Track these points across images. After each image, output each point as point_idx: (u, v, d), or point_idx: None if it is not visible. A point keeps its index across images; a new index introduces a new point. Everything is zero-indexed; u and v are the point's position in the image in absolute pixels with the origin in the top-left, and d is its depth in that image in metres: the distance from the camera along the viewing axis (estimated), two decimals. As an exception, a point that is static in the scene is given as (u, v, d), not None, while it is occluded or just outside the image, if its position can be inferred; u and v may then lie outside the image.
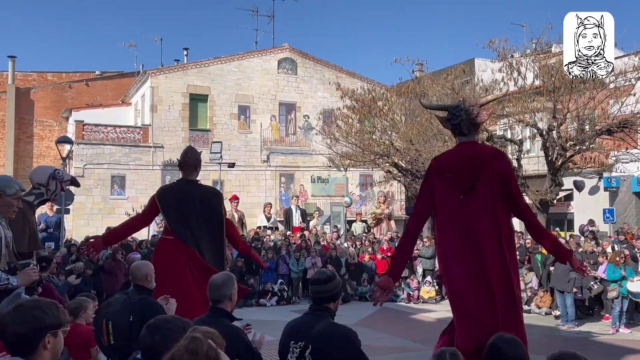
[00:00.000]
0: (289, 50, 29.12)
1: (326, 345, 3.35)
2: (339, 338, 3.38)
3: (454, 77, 18.48)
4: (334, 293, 3.61)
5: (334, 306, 3.62)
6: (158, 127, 26.26)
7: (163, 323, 2.86)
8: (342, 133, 21.32)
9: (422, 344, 9.57)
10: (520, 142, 16.87)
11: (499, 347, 2.75)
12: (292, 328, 3.62)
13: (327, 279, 3.65)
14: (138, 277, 4.68)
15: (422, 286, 14.59)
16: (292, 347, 3.48)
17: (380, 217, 19.88)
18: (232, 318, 3.80)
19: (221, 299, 3.75)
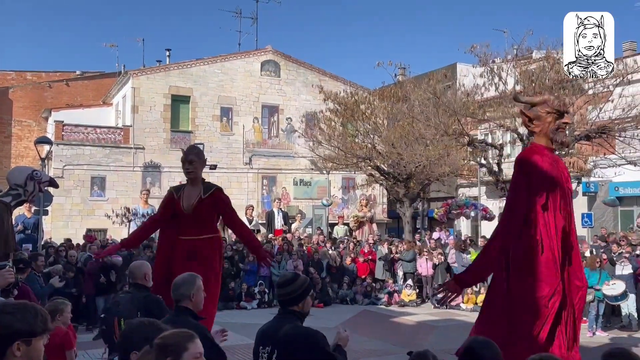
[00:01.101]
0: (272, 53, 29.10)
1: (291, 349, 3.34)
2: (302, 341, 3.36)
3: (436, 81, 18.62)
4: (297, 295, 3.56)
5: (301, 307, 3.58)
6: (139, 128, 26.05)
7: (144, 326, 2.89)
8: (324, 136, 21.36)
9: (402, 346, 9.60)
10: (500, 147, 17.05)
11: (474, 350, 2.78)
12: (261, 333, 3.62)
13: (286, 281, 3.63)
14: (138, 276, 4.87)
15: (403, 289, 14.64)
16: (261, 353, 3.48)
17: (363, 220, 19.87)
18: (196, 316, 3.82)
19: (181, 298, 3.82)
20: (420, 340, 10.26)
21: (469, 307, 13.46)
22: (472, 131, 19.01)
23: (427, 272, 14.77)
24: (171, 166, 26.27)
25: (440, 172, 19.73)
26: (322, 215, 24.28)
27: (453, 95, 17.96)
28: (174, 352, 2.39)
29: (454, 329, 11.20)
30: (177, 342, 2.46)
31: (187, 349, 2.42)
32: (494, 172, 16.79)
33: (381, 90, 22.15)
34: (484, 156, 17.68)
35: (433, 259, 14.81)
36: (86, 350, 9.15)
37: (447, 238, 17.34)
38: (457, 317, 12.69)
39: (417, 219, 27.95)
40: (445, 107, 16.71)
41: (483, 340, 2.87)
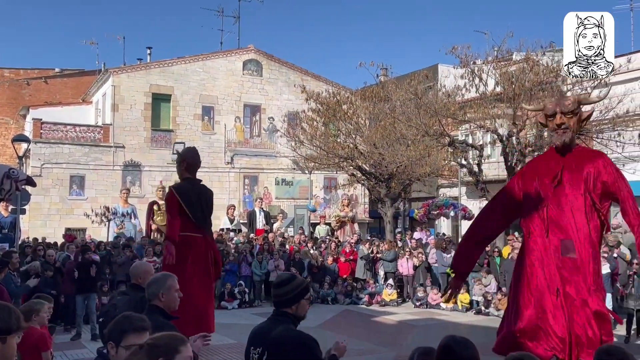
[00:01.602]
0: (255, 52, 29.01)
1: (281, 352, 3.29)
2: (293, 344, 3.30)
3: (417, 82, 18.71)
4: (291, 296, 3.48)
5: (295, 309, 3.49)
6: (119, 127, 25.79)
7: None
8: (306, 136, 21.35)
9: (383, 346, 9.66)
10: (481, 148, 17.18)
11: (451, 348, 2.79)
12: (254, 333, 3.56)
13: (282, 282, 3.55)
14: (135, 277, 4.88)
15: (384, 289, 14.70)
16: (252, 353, 3.43)
17: (344, 220, 19.93)
18: (167, 316, 3.79)
19: (151, 297, 3.84)
20: (400, 340, 10.32)
21: (449, 307, 13.56)
22: (453, 132, 19.14)
23: (408, 272, 14.85)
24: (152, 165, 26.06)
25: (421, 173, 19.84)
26: (304, 215, 24.28)
27: (434, 96, 18.07)
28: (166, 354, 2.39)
29: (434, 328, 11.28)
30: (169, 343, 2.45)
31: (179, 351, 2.42)
32: (474, 173, 16.92)
33: (363, 91, 22.20)
34: (464, 157, 17.81)
35: (414, 259, 14.89)
36: (64, 351, 9.03)
37: (428, 238, 17.45)
38: (437, 317, 12.78)
39: (398, 219, 28.07)
40: (427, 107, 16.80)
41: (461, 339, 2.88)
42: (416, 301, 14.17)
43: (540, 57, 16.50)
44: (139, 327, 2.94)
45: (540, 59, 16.44)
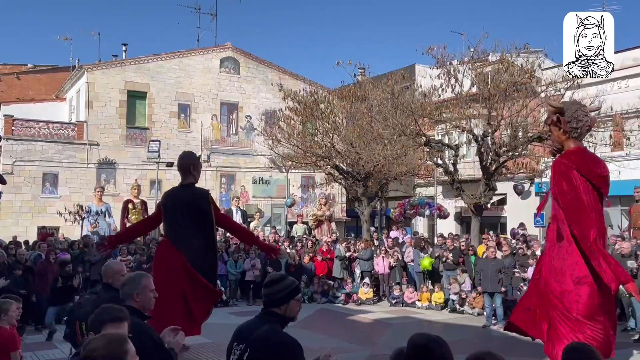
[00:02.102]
0: (232, 50, 28.86)
1: (263, 352, 3.27)
2: (277, 346, 3.27)
3: (394, 82, 18.78)
4: (281, 296, 3.44)
5: (284, 310, 3.46)
6: (94, 124, 25.46)
7: None
8: (284, 134, 21.30)
9: (359, 344, 9.68)
10: (456, 147, 17.32)
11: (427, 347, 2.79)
12: (239, 330, 3.53)
13: (272, 281, 3.53)
14: (106, 276, 4.79)
15: (360, 287, 14.74)
16: (234, 349, 3.41)
17: (321, 219, 19.93)
18: (142, 316, 3.75)
19: (125, 297, 3.78)
20: (376, 338, 10.36)
21: (424, 305, 13.66)
22: (429, 131, 19.27)
23: (384, 271, 14.91)
24: (127, 163, 25.77)
25: (397, 172, 19.94)
26: (281, 214, 24.22)
27: (411, 95, 18.16)
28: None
29: (409, 326, 11.34)
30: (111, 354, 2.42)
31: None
32: (449, 172, 17.06)
33: (340, 90, 22.23)
34: (440, 156, 17.95)
35: (390, 258, 14.96)
36: (35, 351, 8.88)
37: (404, 237, 17.55)
38: (412, 315, 12.87)
39: (375, 218, 28.19)
40: (403, 107, 16.88)
41: (436, 337, 2.88)
42: (392, 300, 14.24)
43: (514, 58, 16.69)
44: (116, 317, 3.03)
45: (515, 60, 16.63)
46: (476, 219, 16.80)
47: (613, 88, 20.00)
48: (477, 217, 16.77)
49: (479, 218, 16.90)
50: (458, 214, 26.53)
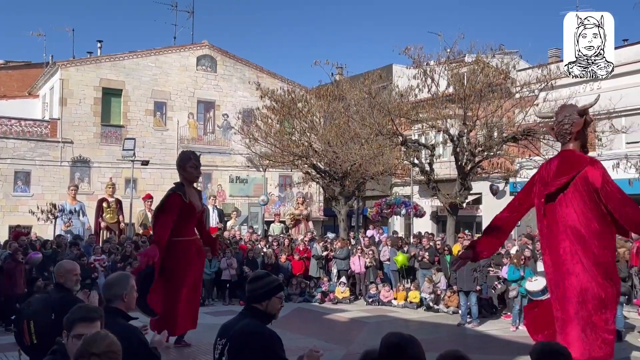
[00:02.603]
0: (209, 48, 28.67)
1: (241, 344, 3.33)
2: (255, 338, 3.34)
3: (372, 81, 18.86)
4: (262, 292, 3.52)
5: (265, 306, 3.52)
6: (67, 122, 25.08)
7: None
8: (261, 133, 21.24)
9: (335, 343, 9.70)
10: (432, 147, 17.45)
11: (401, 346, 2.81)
12: (222, 326, 3.61)
13: (254, 278, 3.61)
14: (58, 275, 4.70)
15: (337, 286, 14.77)
16: (217, 345, 3.49)
17: (299, 218, 19.92)
18: (127, 317, 3.71)
19: (113, 298, 3.73)
20: (352, 337, 10.40)
21: (400, 304, 13.75)
22: (406, 131, 19.39)
23: (360, 270, 14.96)
24: (101, 161, 25.45)
25: (374, 171, 20.03)
26: (258, 213, 24.14)
27: (388, 95, 18.25)
28: None
29: (385, 325, 11.40)
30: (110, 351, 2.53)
31: None
32: (426, 172, 17.19)
33: (318, 89, 22.24)
34: (416, 156, 18.07)
35: (366, 256, 15.02)
36: (4, 352, 8.72)
37: (381, 236, 17.63)
38: (389, 314, 12.93)
39: (352, 217, 28.28)
40: (380, 107, 16.96)
41: (409, 337, 2.90)
42: (368, 298, 14.30)
43: (490, 59, 16.89)
44: (87, 317, 3.03)
45: (490, 61, 16.82)
46: (452, 218, 16.96)
47: (586, 90, 20.34)
48: (452, 217, 16.93)
49: (455, 217, 17.07)
50: (434, 213, 26.76)
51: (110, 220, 16.00)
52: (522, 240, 14.57)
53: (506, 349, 9.31)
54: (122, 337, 3.40)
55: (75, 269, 4.77)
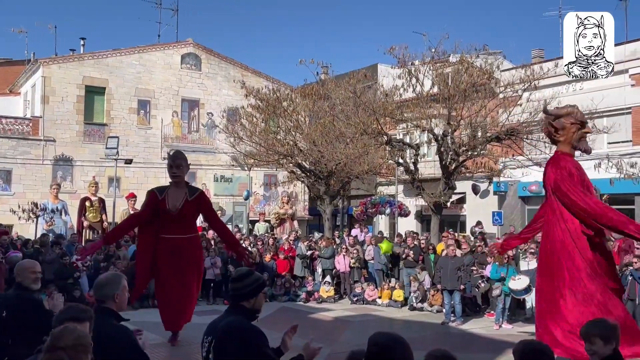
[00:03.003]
0: (193, 46, 28.51)
1: (225, 340, 3.35)
2: (240, 335, 3.36)
3: (357, 81, 18.89)
4: (247, 291, 3.54)
5: (250, 304, 3.55)
6: (50, 120, 24.79)
7: None
8: (246, 132, 21.18)
9: (320, 342, 9.69)
10: (417, 147, 17.53)
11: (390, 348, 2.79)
12: (209, 324, 3.62)
13: (240, 276, 3.62)
14: (18, 273, 4.62)
15: (322, 286, 14.78)
16: (204, 342, 3.50)
17: (284, 217, 19.89)
18: (119, 318, 3.68)
19: (104, 298, 3.69)
20: (336, 336, 10.40)
21: (385, 302, 13.79)
22: (391, 131, 19.46)
23: (345, 269, 14.98)
24: (84, 160, 25.20)
25: (359, 170, 20.06)
26: (243, 212, 24.08)
27: (373, 95, 18.29)
28: None
29: (370, 323, 11.44)
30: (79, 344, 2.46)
31: None
32: (410, 171, 17.26)
33: (303, 88, 22.22)
34: (401, 155, 18.14)
35: (351, 256, 15.04)
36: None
37: (366, 235, 17.67)
38: (373, 313, 12.97)
39: (337, 216, 28.30)
40: (365, 106, 17.00)
41: (398, 337, 2.88)
42: (353, 297, 14.33)
43: (474, 59, 17.00)
44: (76, 317, 3.02)
45: (474, 61, 16.93)
46: (436, 217, 17.06)
47: (568, 90, 20.57)
48: (437, 216, 17.02)
49: (439, 216, 17.16)
50: (418, 212, 26.88)
51: (93, 220, 15.84)
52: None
53: (490, 347, 9.38)
54: (113, 337, 3.37)
55: (34, 267, 4.67)
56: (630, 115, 20.47)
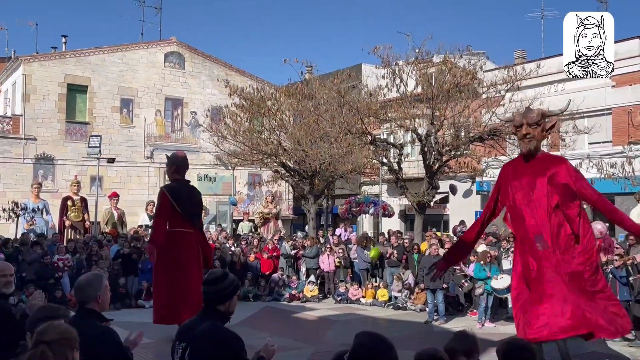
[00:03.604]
0: (177, 44, 28.36)
1: (204, 348, 3.28)
2: (217, 341, 3.30)
3: (341, 80, 18.91)
4: (224, 294, 3.50)
5: (225, 307, 3.51)
6: (31, 118, 24.51)
7: None
8: (230, 131, 21.08)
9: (303, 342, 9.71)
10: (401, 146, 17.59)
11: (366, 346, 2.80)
12: (181, 329, 3.56)
13: (215, 279, 3.54)
14: None
15: (306, 285, 14.79)
16: (176, 348, 3.43)
17: (268, 216, 19.84)
18: (102, 318, 3.65)
19: (87, 299, 3.63)
20: (320, 335, 10.42)
21: (369, 302, 13.83)
22: (375, 130, 19.50)
23: (329, 268, 15.00)
24: (66, 159, 24.95)
25: (343, 170, 20.07)
26: (227, 212, 23.98)
27: (357, 94, 18.33)
28: None
29: (354, 323, 11.47)
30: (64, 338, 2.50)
31: None
32: (394, 171, 17.32)
33: (287, 87, 22.18)
34: (385, 155, 18.19)
35: (335, 255, 15.06)
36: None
37: (350, 234, 17.70)
38: (357, 312, 13.00)
39: (321, 216, 28.31)
40: (349, 106, 17.02)
41: (382, 339, 2.88)
42: (337, 297, 14.35)
43: (457, 60, 17.10)
44: (49, 317, 2.99)
45: (458, 62, 17.03)
46: (420, 216, 17.13)
47: (550, 91, 20.82)
48: (420, 215, 17.09)
49: (423, 216, 17.24)
50: (402, 212, 27.01)
51: (75, 219, 15.68)
52: (487, 239, 14.79)
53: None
54: (96, 338, 3.34)
55: (4, 270, 4.57)
56: (611, 116, 20.77)
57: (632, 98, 20.18)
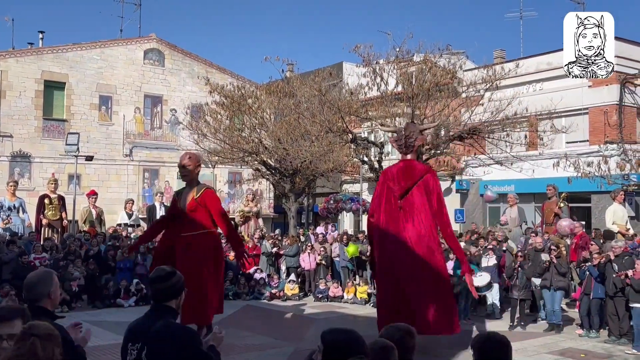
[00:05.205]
0: (156, 41, 28.10)
1: (162, 346, 3.23)
2: (175, 338, 3.26)
3: (322, 79, 18.92)
4: (174, 290, 3.47)
5: (177, 303, 3.50)
6: (7, 115, 24.10)
7: None
8: (210, 129, 20.97)
9: (284, 340, 9.70)
10: (381, 145, 17.66)
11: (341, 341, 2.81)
12: (131, 329, 3.47)
13: (166, 275, 3.51)
14: None
15: (286, 284, 14.76)
16: (129, 350, 3.35)
17: (249, 215, 19.77)
18: (53, 316, 3.57)
19: (39, 297, 3.53)
20: (301, 334, 10.42)
21: (349, 298, 13.86)
22: (356, 129, 19.56)
23: (310, 267, 15.00)
24: (43, 156, 24.60)
25: (324, 168, 20.10)
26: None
27: (338, 93, 18.36)
28: None
29: (334, 321, 11.48)
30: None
31: None
32: (375, 169, 17.38)
33: (268, 85, 22.14)
34: (366, 153, 18.25)
35: (316, 253, 15.07)
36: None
37: (333, 232, 17.72)
38: (337, 310, 13.02)
39: (302, 214, 28.30)
40: (330, 104, 17.04)
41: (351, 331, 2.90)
42: (317, 294, 14.36)
43: (437, 59, 17.22)
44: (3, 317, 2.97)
45: (438, 61, 17.15)
46: (400, 215, 17.19)
47: (529, 90, 21.06)
48: (401, 213, 17.16)
49: (403, 214, 17.31)
50: (383, 210, 27.08)
51: (52, 218, 15.44)
52: (466, 237, 14.92)
53: (452, 343, 9.53)
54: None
55: None
56: (588, 116, 21.07)
57: (608, 98, 20.50)
